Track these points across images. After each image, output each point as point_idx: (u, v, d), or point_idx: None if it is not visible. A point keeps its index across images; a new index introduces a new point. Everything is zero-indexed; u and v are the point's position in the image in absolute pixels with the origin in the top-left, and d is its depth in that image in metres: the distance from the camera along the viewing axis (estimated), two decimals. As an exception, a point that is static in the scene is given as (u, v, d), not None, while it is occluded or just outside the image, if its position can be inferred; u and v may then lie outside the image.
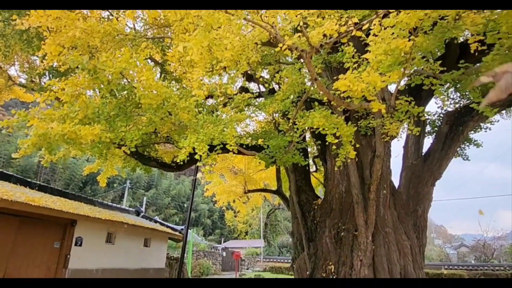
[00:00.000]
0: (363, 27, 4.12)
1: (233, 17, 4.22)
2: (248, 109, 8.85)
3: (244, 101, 7.17)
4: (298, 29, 4.32)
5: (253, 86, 10.75)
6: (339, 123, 5.31)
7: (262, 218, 39.73)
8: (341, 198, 8.14)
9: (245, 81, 10.47)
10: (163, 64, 8.28)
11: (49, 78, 9.18)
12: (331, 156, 8.26)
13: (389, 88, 6.89)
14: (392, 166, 8.17)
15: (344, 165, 7.83)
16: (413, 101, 5.09)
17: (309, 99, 8.03)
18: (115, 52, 6.41)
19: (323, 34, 4.09)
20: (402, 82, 5.06)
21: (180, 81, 7.45)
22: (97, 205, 10.32)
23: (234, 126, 5.99)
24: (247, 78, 10.12)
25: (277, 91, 7.35)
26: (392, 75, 3.88)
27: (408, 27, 3.85)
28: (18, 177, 8.60)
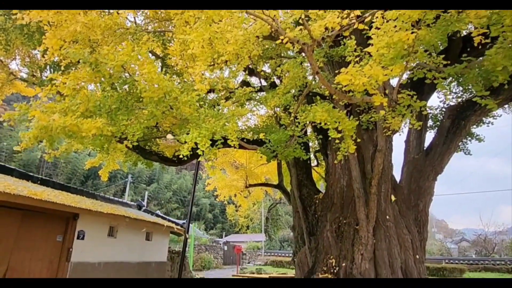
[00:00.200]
0: (365, 19, 4.09)
1: (235, 10, 4.20)
2: (250, 103, 8.84)
3: (246, 95, 7.15)
4: (300, 22, 4.29)
5: (254, 81, 10.72)
6: (341, 117, 5.29)
7: (263, 213, 39.85)
8: (342, 193, 8.15)
9: (247, 75, 10.44)
10: (164, 58, 8.25)
11: (51, 72, 9.17)
12: (333, 151, 8.25)
13: (391, 82, 6.86)
14: (393, 160, 8.17)
15: (345, 160, 7.83)
16: (415, 95, 5.06)
17: (310, 93, 8.01)
18: (116, 46, 6.40)
19: (325, 27, 4.06)
20: (404, 76, 5.03)
21: (181, 75, 7.44)
22: (99, 199, 10.37)
23: (236, 120, 5.98)
24: (248, 72, 10.09)
25: (279, 85, 7.32)
26: (394, 69, 3.86)
27: (410, 20, 3.82)
28: (20, 171, 8.63)
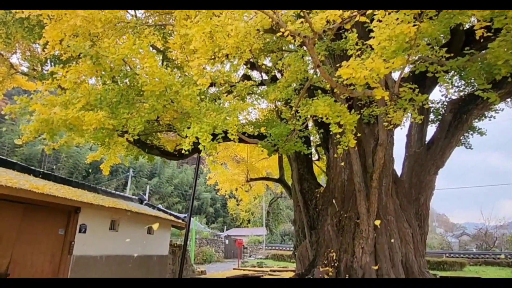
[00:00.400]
0: (367, 12, 4.06)
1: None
2: (251, 97, 8.82)
3: (247, 89, 7.13)
4: (301, 15, 4.26)
5: (255, 74, 10.70)
6: (342, 111, 5.28)
7: (264, 207, 39.97)
8: (343, 187, 8.16)
9: (248, 69, 10.42)
10: (165, 51, 8.22)
11: (51, 66, 9.16)
12: (334, 145, 8.25)
13: (393, 76, 6.82)
14: (394, 154, 8.16)
15: (346, 154, 7.82)
16: (417, 89, 5.04)
17: (312, 87, 7.99)
18: (117, 39, 6.37)
19: (326, 20, 4.03)
20: (406, 70, 5.00)
21: (182, 68, 7.42)
22: (101, 193, 10.39)
23: (237, 114, 5.97)
24: (249, 66, 10.06)
25: (280, 79, 7.30)
26: (396, 61, 3.83)
27: (413, 12, 3.79)
28: (22, 165, 8.65)
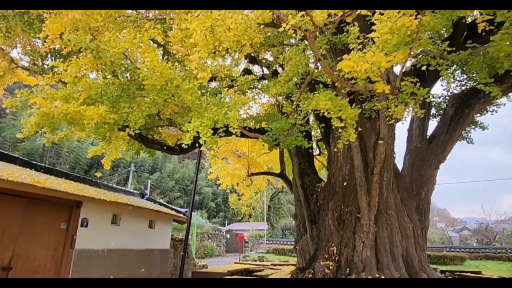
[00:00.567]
0: (369, 5, 4.02)
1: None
2: (252, 91, 8.80)
3: (247, 84, 7.12)
4: (302, 8, 4.23)
5: (256, 69, 10.66)
6: (343, 106, 5.26)
7: (265, 201, 40.10)
8: (344, 181, 8.16)
9: (248, 64, 10.38)
10: (165, 45, 8.19)
11: (52, 60, 9.14)
12: (335, 139, 8.23)
13: (395, 69, 6.79)
14: (396, 148, 8.15)
15: (347, 148, 7.82)
16: (419, 83, 5.02)
17: (313, 81, 7.95)
18: (118, 33, 6.35)
19: (328, 13, 4.01)
20: (407, 63, 4.97)
21: (183, 62, 7.39)
22: (102, 187, 10.42)
23: (238, 109, 5.96)
24: (250, 60, 10.02)
25: (281, 73, 7.27)
26: (397, 55, 3.81)
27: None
28: (24, 159, 8.66)
